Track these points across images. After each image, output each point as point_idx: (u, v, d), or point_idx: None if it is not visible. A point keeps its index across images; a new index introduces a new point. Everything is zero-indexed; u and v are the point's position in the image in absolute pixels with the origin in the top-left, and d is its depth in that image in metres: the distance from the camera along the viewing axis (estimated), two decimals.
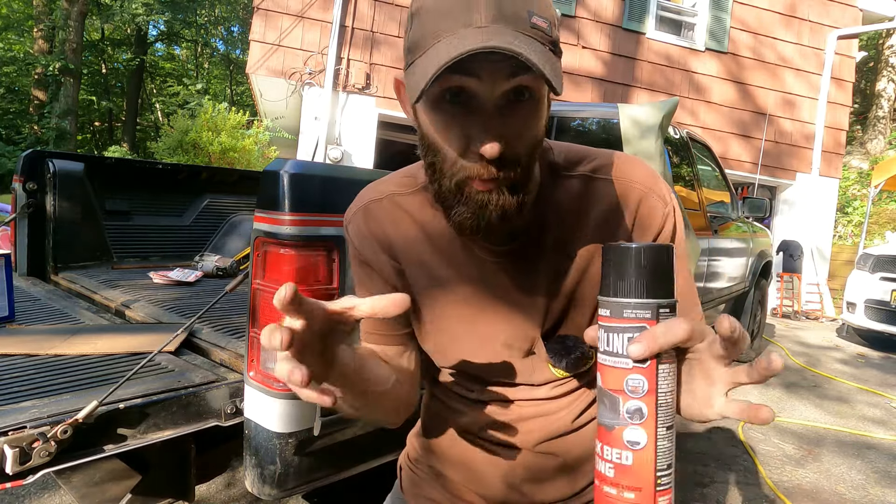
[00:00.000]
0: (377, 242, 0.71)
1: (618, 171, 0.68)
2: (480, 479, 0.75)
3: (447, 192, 0.58)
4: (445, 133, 0.56)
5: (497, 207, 0.56)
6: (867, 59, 12.42)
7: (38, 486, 2.01)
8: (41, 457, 0.93)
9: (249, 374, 1.20)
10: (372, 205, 0.72)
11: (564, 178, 0.68)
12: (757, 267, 4.37)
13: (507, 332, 0.70)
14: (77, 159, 2.56)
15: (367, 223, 0.72)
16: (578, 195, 0.67)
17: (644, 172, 0.68)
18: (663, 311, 0.44)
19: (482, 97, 0.53)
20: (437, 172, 0.58)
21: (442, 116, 0.56)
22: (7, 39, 14.99)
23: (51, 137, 11.98)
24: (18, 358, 1.35)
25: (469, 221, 0.58)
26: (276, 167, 1.14)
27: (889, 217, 9.69)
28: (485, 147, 0.52)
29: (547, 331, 0.70)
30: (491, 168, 0.54)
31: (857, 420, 3.47)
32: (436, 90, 0.54)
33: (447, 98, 0.54)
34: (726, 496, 2.36)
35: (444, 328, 0.72)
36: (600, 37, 6.74)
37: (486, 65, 0.51)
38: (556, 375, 0.72)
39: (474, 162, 0.55)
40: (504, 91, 0.53)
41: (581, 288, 0.68)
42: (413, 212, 0.71)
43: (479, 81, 0.53)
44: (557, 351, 0.70)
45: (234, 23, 20.22)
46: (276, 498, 1.21)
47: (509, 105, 0.54)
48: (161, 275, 2.36)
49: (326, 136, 5.91)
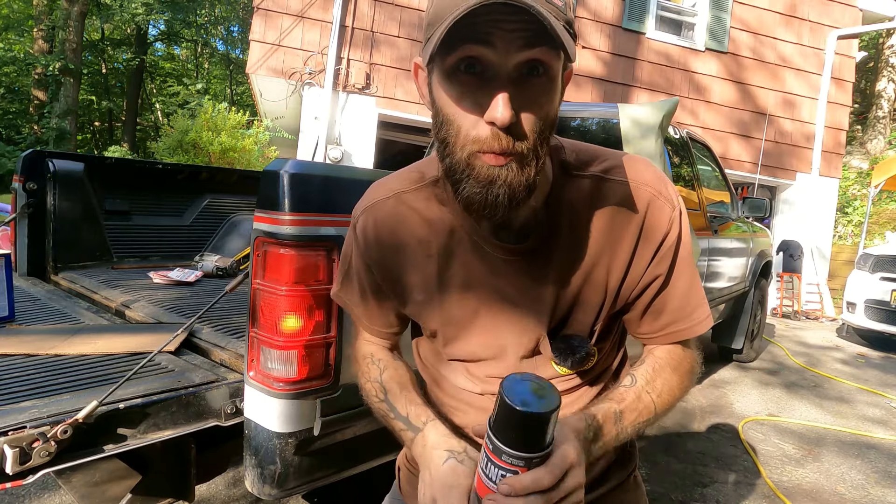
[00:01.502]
0: (378, 245, 0.73)
1: (629, 173, 0.68)
2: None
3: (458, 164, 0.58)
4: (459, 104, 0.56)
5: (505, 183, 0.56)
6: (867, 59, 12.42)
7: (38, 486, 2.01)
8: (41, 457, 0.93)
9: (249, 374, 1.20)
10: (379, 204, 0.74)
11: (576, 178, 0.68)
12: (757, 267, 4.37)
13: (514, 330, 0.70)
14: (77, 159, 2.56)
15: (374, 224, 0.73)
16: (589, 195, 0.68)
17: (654, 175, 0.69)
18: (535, 461, 0.53)
19: (496, 67, 0.54)
20: (450, 146, 0.58)
21: (456, 87, 0.56)
22: (7, 39, 14.99)
23: (51, 137, 11.98)
24: (18, 358, 1.34)
25: (477, 196, 0.57)
26: (276, 167, 1.14)
27: (889, 217, 9.69)
28: (496, 115, 0.53)
29: (552, 330, 0.70)
30: (501, 138, 0.54)
31: (857, 420, 3.46)
32: (451, 61, 0.54)
33: (462, 69, 0.55)
34: (726, 496, 2.36)
35: (451, 323, 0.72)
36: (600, 37, 6.74)
37: (501, 33, 0.52)
38: (560, 373, 0.73)
39: (486, 132, 0.55)
40: (518, 63, 0.53)
41: (586, 289, 0.69)
42: (420, 209, 0.71)
43: (494, 51, 0.53)
44: (562, 350, 0.70)
45: (234, 23, 20.22)
46: (276, 498, 1.21)
47: (523, 79, 0.54)
48: (161, 275, 2.36)
49: (326, 136, 5.91)
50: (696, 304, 0.72)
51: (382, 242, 0.73)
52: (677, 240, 0.69)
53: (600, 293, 0.70)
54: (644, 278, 0.69)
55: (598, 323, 0.71)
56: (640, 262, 0.69)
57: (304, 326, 1.15)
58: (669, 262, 0.69)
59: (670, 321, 0.72)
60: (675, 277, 0.70)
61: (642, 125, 2.73)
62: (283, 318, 1.15)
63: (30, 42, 14.51)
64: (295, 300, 1.14)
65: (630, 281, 0.70)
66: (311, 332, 1.16)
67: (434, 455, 0.64)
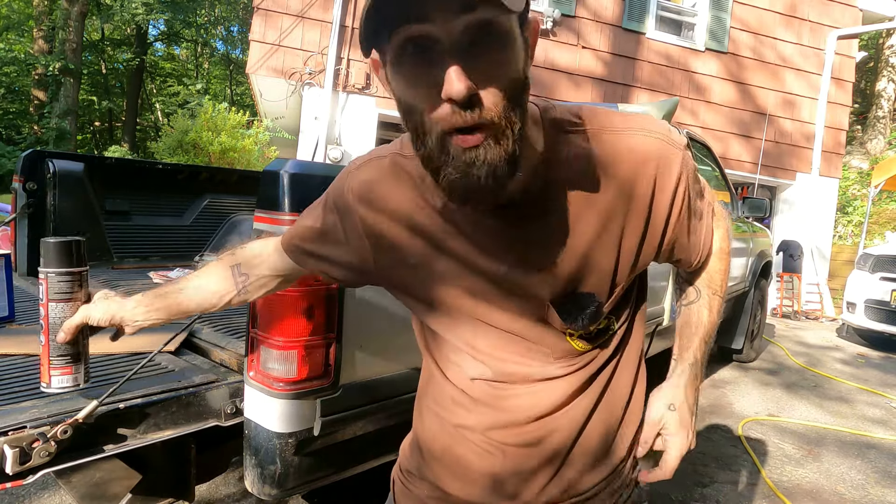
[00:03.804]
0: (371, 199, 0.70)
1: (630, 123, 0.65)
2: (472, 479, 0.74)
3: (432, 151, 0.54)
4: (414, 88, 0.53)
5: (484, 164, 0.53)
6: (867, 59, 12.42)
7: (38, 486, 2.01)
8: (41, 457, 0.93)
9: (249, 374, 1.20)
10: (375, 161, 0.72)
11: (570, 134, 0.64)
12: (757, 267, 4.37)
13: (517, 298, 0.66)
14: (77, 159, 2.56)
15: (369, 178, 0.71)
16: (587, 151, 0.63)
17: (655, 122, 0.66)
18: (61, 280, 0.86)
19: (441, 41, 0.50)
20: (419, 134, 0.55)
21: (407, 71, 0.53)
22: (7, 39, 14.99)
23: (51, 137, 11.99)
24: (18, 358, 1.34)
25: (459, 181, 0.54)
26: (276, 167, 1.14)
27: (889, 217, 9.69)
28: (452, 90, 0.49)
29: (558, 296, 0.66)
30: (465, 114, 0.51)
31: (857, 420, 3.47)
32: (395, 46, 0.52)
33: (409, 51, 0.52)
34: (726, 496, 2.36)
35: (447, 296, 0.69)
36: (600, 37, 6.74)
37: (433, 2, 0.49)
38: (576, 348, 0.68)
39: (447, 112, 0.51)
40: (461, 29, 0.50)
41: (597, 250, 0.65)
42: (415, 175, 0.68)
43: (433, 25, 0.50)
44: (570, 310, 0.65)
45: (234, 23, 20.25)
46: (276, 498, 1.21)
47: (473, 44, 0.50)
48: (161, 275, 2.36)
49: (326, 136, 5.91)
50: (720, 221, 0.82)
51: (376, 196, 0.70)
52: (691, 175, 0.68)
53: (612, 254, 0.65)
54: (670, 223, 0.68)
55: (616, 288, 0.67)
56: (660, 208, 0.66)
57: (304, 326, 1.15)
58: (688, 200, 0.69)
59: (704, 246, 0.78)
60: (700, 210, 0.74)
61: None
62: (283, 319, 1.15)
63: (30, 42, 14.52)
64: (295, 300, 1.14)
65: (651, 236, 0.67)
66: (311, 332, 1.16)
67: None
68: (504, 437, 0.71)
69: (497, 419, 0.71)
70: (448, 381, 0.75)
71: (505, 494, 0.73)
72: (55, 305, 0.86)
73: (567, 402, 0.71)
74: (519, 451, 0.71)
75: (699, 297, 0.82)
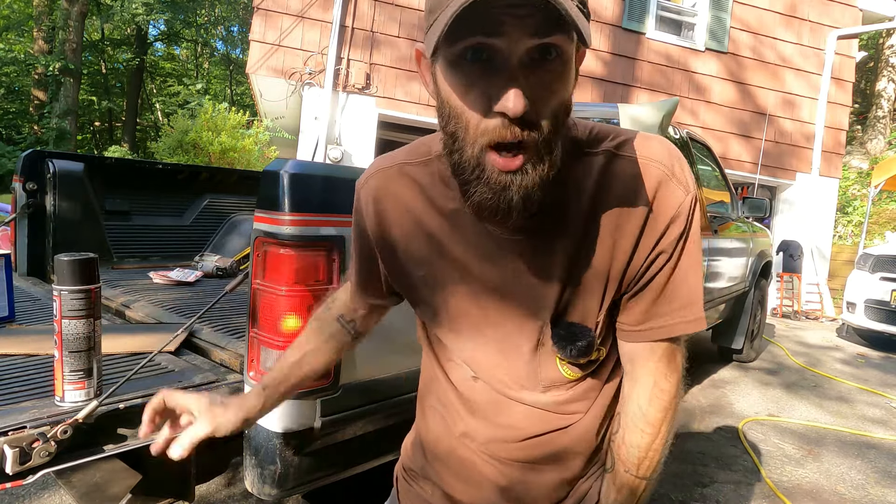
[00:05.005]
0: (378, 212, 0.72)
1: (640, 150, 0.63)
2: (477, 482, 0.74)
3: (468, 163, 0.54)
4: (466, 95, 0.53)
5: (520, 188, 0.53)
6: (867, 59, 12.42)
7: (38, 486, 2.01)
8: (41, 457, 0.93)
9: (249, 374, 1.20)
10: (382, 172, 0.72)
11: (587, 156, 0.64)
12: (757, 267, 4.37)
13: (517, 315, 0.66)
14: (77, 159, 2.56)
15: (375, 190, 0.72)
16: (598, 173, 0.63)
17: (668, 154, 0.63)
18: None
19: (505, 53, 0.50)
20: (459, 141, 0.55)
21: (462, 77, 0.52)
22: (7, 39, 14.99)
23: (51, 137, 11.98)
24: (18, 358, 1.34)
25: (489, 202, 0.54)
26: (276, 167, 1.14)
27: (889, 217, 9.69)
28: (508, 105, 0.49)
29: (555, 317, 0.66)
30: (514, 129, 0.51)
31: (858, 420, 3.47)
32: (456, 50, 0.51)
33: (467, 57, 0.51)
34: (726, 496, 2.36)
35: (452, 306, 0.69)
36: (600, 37, 6.74)
37: (511, 20, 0.48)
38: (566, 376, 0.68)
39: (496, 123, 0.51)
40: (529, 48, 0.50)
41: (589, 273, 0.64)
42: (422, 182, 0.68)
43: (502, 39, 0.49)
44: (564, 337, 0.65)
45: (234, 23, 20.23)
46: (276, 498, 1.21)
47: (534, 63, 0.51)
48: (161, 275, 2.36)
49: (326, 136, 5.91)
50: (691, 300, 0.66)
51: (383, 210, 0.71)
52: (686, 225, 0.63)
53: (601, 278, 0.64)
54: (645, 263, 0.64)
55: (601, 312, 0.66)
56: (644, 245, 0.63)
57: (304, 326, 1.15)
58: (673, 248, 0.63)
59: (660, 313, 0.65)
60: (677, 266, 0.64)
61: (642, 125, 2.73)
62: (283, 319, 1.15)
63: (30, 42, 14.52)
64: (295, 300, 1.14)
65: (633, 267, 0.64)
66: None
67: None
68: (500, 452, 0.72)
69: (495, 434, 0.72)
70: (450, 382, 0.75)
71: (509, 500, 0.74)
72: (69, 322, 0.87)
73: (561, 424, 0.71)
74: (520, 464, 0.72)
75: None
